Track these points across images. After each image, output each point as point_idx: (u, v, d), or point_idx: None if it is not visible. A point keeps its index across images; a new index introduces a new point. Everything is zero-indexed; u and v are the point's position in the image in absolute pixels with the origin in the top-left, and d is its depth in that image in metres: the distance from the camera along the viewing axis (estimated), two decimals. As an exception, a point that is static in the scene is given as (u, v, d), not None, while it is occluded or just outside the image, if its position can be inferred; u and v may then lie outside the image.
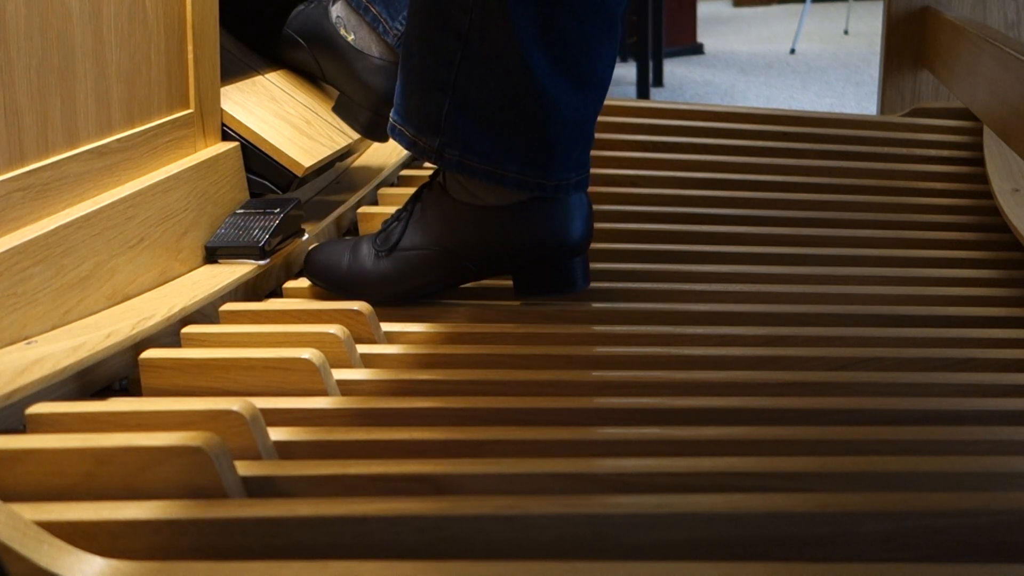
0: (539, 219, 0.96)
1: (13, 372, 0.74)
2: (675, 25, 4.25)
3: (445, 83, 0.93)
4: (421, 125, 0.96)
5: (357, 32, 1.30)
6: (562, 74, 0.92)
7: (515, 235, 0.97)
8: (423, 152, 0.97)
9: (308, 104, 1.32)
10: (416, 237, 0.99)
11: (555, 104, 0.92)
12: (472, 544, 0.58)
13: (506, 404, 0.77)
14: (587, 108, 0.96)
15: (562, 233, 0.96)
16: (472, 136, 0.94)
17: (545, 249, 0.96)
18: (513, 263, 0.98)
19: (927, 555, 0.58)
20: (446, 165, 0.96)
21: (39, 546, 0.54)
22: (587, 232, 0.98)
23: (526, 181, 0.94)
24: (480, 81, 0.92)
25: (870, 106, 3.07)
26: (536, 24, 0.89)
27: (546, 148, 0.94)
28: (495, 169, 0.94)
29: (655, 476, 0.65)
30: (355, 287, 1.00)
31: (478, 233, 0.97)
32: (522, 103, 0.92)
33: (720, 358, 0.89)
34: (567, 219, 0.96)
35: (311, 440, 0.71)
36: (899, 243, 1.22)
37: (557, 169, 0.95)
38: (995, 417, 0.77)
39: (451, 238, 0.98)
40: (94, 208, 0.89)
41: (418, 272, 0.99)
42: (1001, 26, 1.62)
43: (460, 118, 0.93)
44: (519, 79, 0.91)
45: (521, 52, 0.89)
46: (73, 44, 0.89)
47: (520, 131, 0.93)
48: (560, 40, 0.91)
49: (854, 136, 1.47)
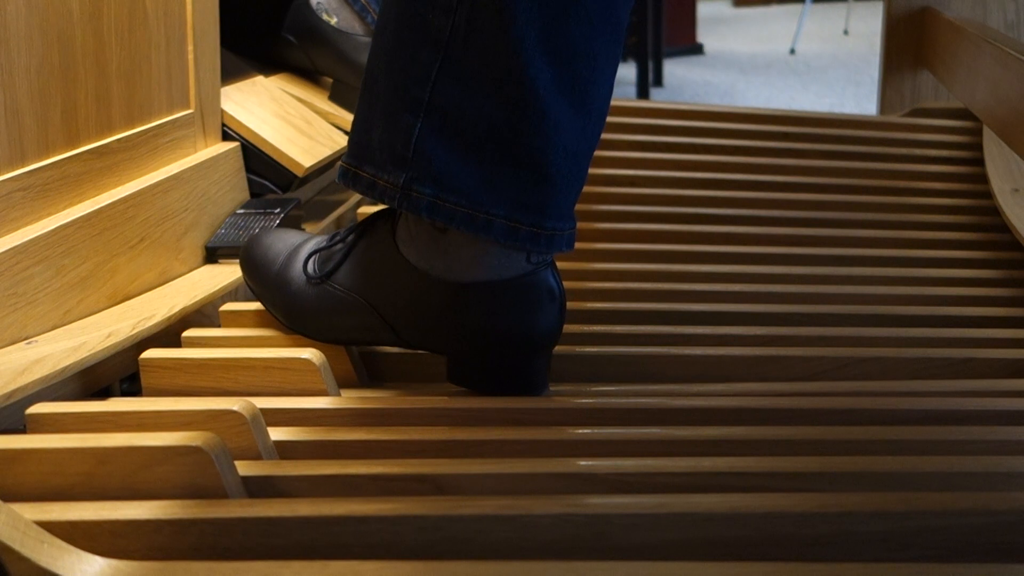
0: (505, 303, 0.77)
1: (13, 372, 0.74)
2: (675, 25, 4.25)
3: (416, 103, 0.74)
4: (382, 160, 0.76)
5: (339, 14, 1.32)
6: (564, 93, 0.74)
7: (470, 319, 0.77)
8: (383, 193, 0.77)
9: (308, 104, 1.32)
10: (349, 276, 0.82)
11: (556, 129, 0.74)
12: (472, 544, 0.58)
13: (506, 404, 0.77)
14: (587, 140, 0.77)
15: (531, 324, 0.77)
16: (449, 168, 0.74)
17: (507, 344, 0.77)
18: (459, 349, 0.80)
19: (927, 555, 0.58)
20: (414, 207, 0.75)
21: (39, 546, 0.54)
22: (562, 321, 0.79)
23: (516, 229, 0.75)
24: (463, 97, 0.73)
25: (870, 106, 3.07)
26: (538, 27, 0.72)
27: (542, 186, 0.75)
28: (477, 212, 0.74)
29: (655, 476, 0.65)
30: (272, 304, 0.87)
31: (414, 302, 0.79)
32: (516, 125, 0.73)
33: (720, 358, 0.89)
34: (539, 305, 0.77)
35: (311, 440, 0.71)
36: (899, 243, 1.22)
37: (554, 215, 0.76)
38: (995, 417, 0.77)
39: (380, 297, 0.80)
40: (94, 208, 0.89)
41: (340, 318, 0.83)
42: (1001, 26, 1.62)
43: (434, 144, 0.74)
44: (514, 94, 0.73)
45: (520, 59, 0.72)
46: (73, 44, 0.89)
47: (511, 162, 0.74)
48: (566, 49, 0.73)
49: (854, 136, 1.47)
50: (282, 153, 1.15)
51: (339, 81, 1.35)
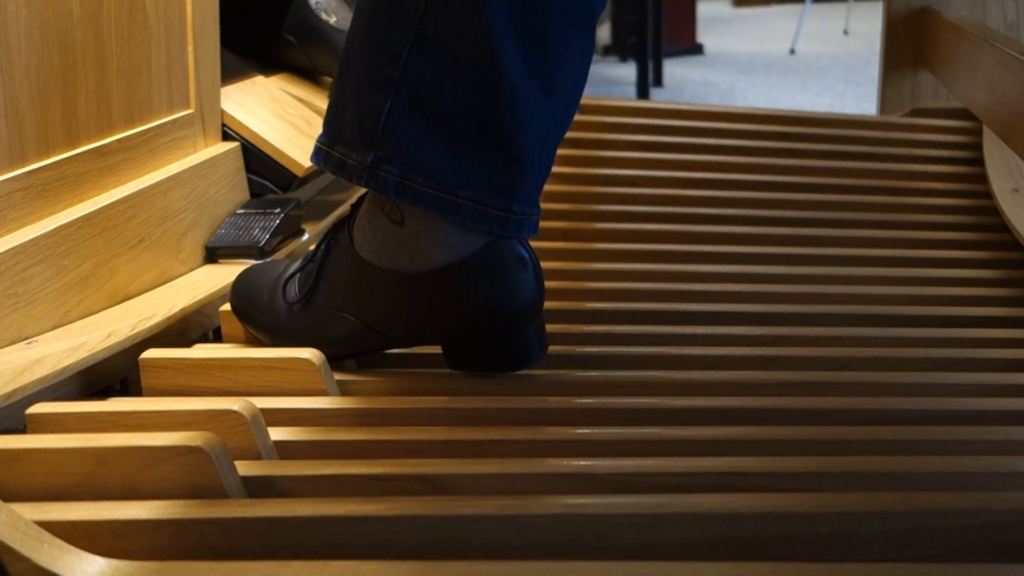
0: (475, 278, 0.77)
1: (13, 372, 0.74)
2: (675, 25, 4.25)
3: (387, 81, 0.74)
4: (352, 139, 0.76)
5: (338, 13, 1.32)
6: (534, 75, 0.74)
7: (448, 304, 0.78)
8: (352, 172, 0.77)
9: (308, 104, 1.32)
10: (325, 293, 0.82)
11: (527, 111, 0.74)
12: (472, 544, 0.58)
13: (506, 404, 0.77)
14: (556, 124, 0.77)
15: (508, 292, 0.77)
16: (418, 147, 0.74)
17: (491, 320, 0.77)
18: (447, 335, 0.80)
19: (927, 555, 0.58)
20: (381, 187, 0.75)
21: (39, 546, 0.54)
22: (540, 287, 0.79)
23: (484, 212, 0.75)
24: (433, 77, 0.73)
25: (870, 106, 3.07)
26: (510, 8, 0.72)
27: (512, 169, 0.75)
28: (445, 194, 0.74)
29: (655, 476, 0.65)
30: (271, 339, 0.86)
31: (397, 304, 0.79)
32: (487, 106, 0.73)
33: (720, 358, 0.89)
34: (510, 272, 0.77)
35: (311, 440, 0.71)
36: (899, 243, 1.22)
37: (523, 199, 0.76)
38: (994, 417, 0.77)
39: (363, 308, 0.80)
40: (94, 208, 0.89)
41: (330, 336, 0.82)
42: (1001, 26, 1.62)
43: (404, 123, 0.74)
44: (485, 72, 0.72)
45: (491, 41, 0.72)
46: (73, 44, 0.89)
47: (482, 144, 0.74)
48: (537, 31, 0.73)
49: (854, 136, 1.47)
50: (282, 153, 1.15)
51: None
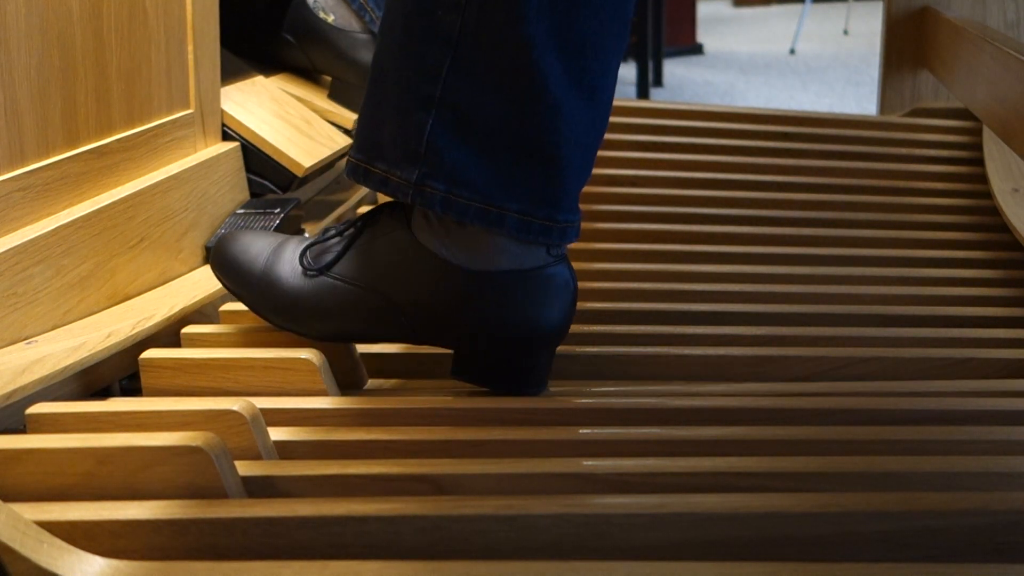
0: (524, 292, 0.78)
1: (13, 372, 0.74)
2: (675, 25, 4.25)
3: (428, 99, 0.75)
4: (394, 157, 0.77)
5: (336, 12, 1.32)
6: (574, 86, 0.75)
7: (486, 308, 0.78)
8: (396, 189, 0.77)
9: (308, 104, 1.32)
10: (352, 267, 0.81)
11: (569, 122, 0.75)
12: (472, 544, 0.58)
13: (506, 404, 0.77)
14: (596, 131, 0.78)
15: (546, 316, 0.78)
16: (462, 162, 0.75)
17: (519, 335, 0.78)
18: (469, 340, 0.80)
19: (927, 555, 0.58)
20: (427, 202, 0.76)
21: (39, 546, 0.54)
22: (571, 316, 0.80)
23: (530, 223, 0.76)
24: (474, 93, 0.74)
25: (870, 106, 3.07)
26: (549, 22, 0.72)
27: (555, 179, 0.76)
28: (490, 207, 0.75)
29: (655, 476, 0.65)
30: (261, 304, 0.84)
31: (432, 290, 0.78)
32: (528, 119, 0.74)
33: (720, 358, 0.89)
34: (555, 297, 0.78)
35: (311, 440, 0.71)
36: (899, 243, 1.22)
37: (565, 207, 0.77)
38: (994, 417, 0.77)
39: (395, 285, 0.79)
40: (94, 208, 0.89)
41: (342, 311, 0.81)
42: (1001, 26, 1.62)
43: (447, 140, 0.75)
44: (526, 86, 0.73)
45: (531, 55, 0.72)
46: (73, 44, 0.89)
47: (524, 156, 0.75)
48: (577, 43, 0.74)
49: (854, 136, 1.47)
50: (282, 153, 1.15)
51: (338, 79, 1.35)
